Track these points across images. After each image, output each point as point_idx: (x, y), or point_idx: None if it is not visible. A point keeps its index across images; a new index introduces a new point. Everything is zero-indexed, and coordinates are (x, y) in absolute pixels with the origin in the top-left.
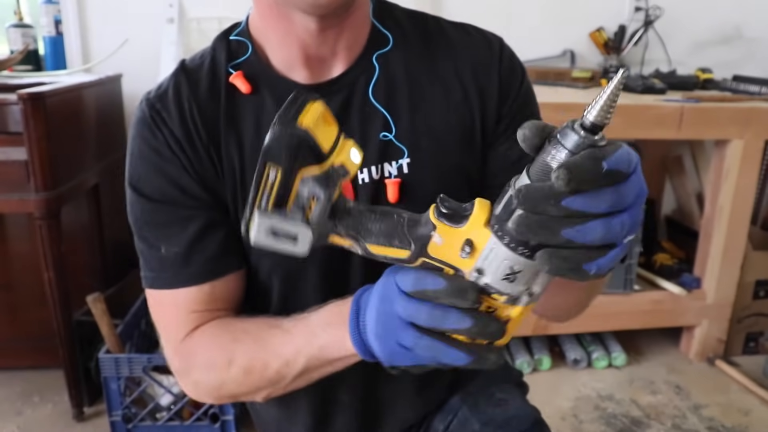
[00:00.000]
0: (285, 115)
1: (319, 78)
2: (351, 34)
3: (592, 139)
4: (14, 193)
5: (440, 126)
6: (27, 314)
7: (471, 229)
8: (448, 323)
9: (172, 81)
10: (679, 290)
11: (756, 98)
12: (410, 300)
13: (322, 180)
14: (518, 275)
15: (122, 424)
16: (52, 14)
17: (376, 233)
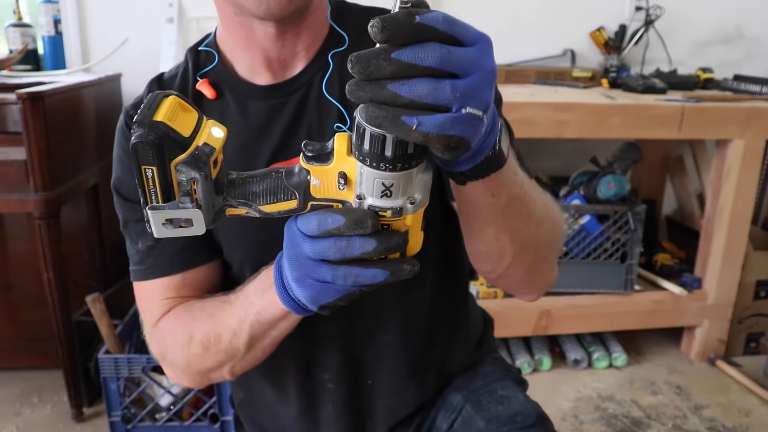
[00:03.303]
0: (142, 115)
1: (281, 78)
2: (309, 35)
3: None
4: (13, 193)
5: None
6: (26, 314)
7: (339, 163)
8: (354, 250)
9: (146, 91)
10: (680, 290)
11: (757, 98)
12: (315, 240)
13: (191, 162)
14: (392, 189)
15: (122, 425)
16: (52, 13)
17: (263, 194)
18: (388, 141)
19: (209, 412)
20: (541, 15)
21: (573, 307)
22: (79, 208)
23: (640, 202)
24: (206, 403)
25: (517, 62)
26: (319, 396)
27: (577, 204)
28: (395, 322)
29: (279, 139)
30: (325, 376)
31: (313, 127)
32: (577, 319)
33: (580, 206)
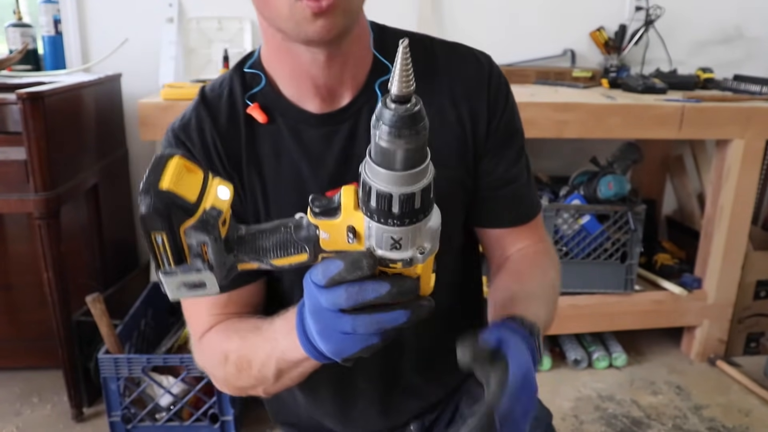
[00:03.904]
0: (147, 183)
1: (329, 108)
2: (354, 63)
3: (405, 108)
4: (13, 193)
5: (437, 144)
6: (26, 314)
7: (347, 217)
8: (368, 295)
9: (194, 113)
10: (680, 290)
11: (757, 98)
12: (327, 290)
13: (199, 227)
14: (401, 242)
15: (121, 425)
16: (52, 14)
17: (273, 249)
18: (394, 199)
19: (209, 412)
20: (541, 15)
21: (573, 307)
22: (79, 208)
23: (640, 202)
24: (206, 403)
25: (517, 62)
26: (352, 395)
27: (577, 204)
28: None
29: (334, 167)
30: (360, 378)
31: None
32: (577, 319)
33: (580, 206)
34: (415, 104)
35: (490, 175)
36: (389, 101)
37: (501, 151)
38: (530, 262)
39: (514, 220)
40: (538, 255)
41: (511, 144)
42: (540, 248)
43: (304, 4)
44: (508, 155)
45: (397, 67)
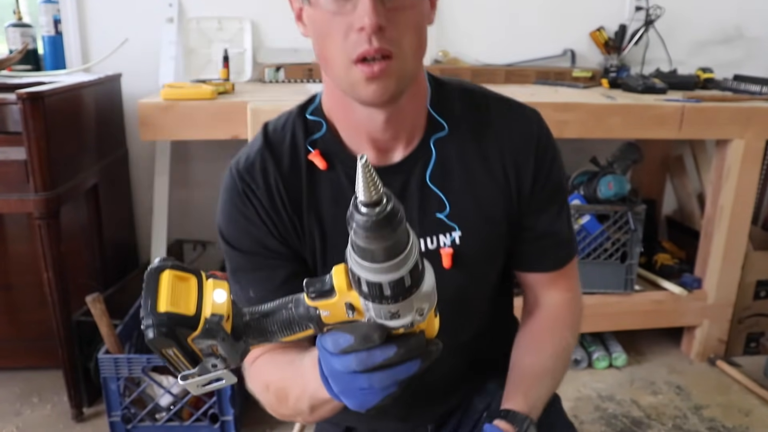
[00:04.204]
0: (146, 307)
1: (384, 161)
2: (410, 121)
3: (376, 211)
4: (13, 193)
5: (486, 202)
6: (26, 314)
7: (342, 296)
8: (377, 359)
9: (259, 155)
10: (680, 290)
11: (757, 98)
12: (340, 357)
13: (205, 335)
14: (400, 312)
15: (121, 425)
16: (52, 14)
17: (279, 330)
18: (384, 286)
19: (209, 412)
20: (541, 15)
21: None
22: (79, 208)
23: (640, 202)
24: (206, 403)
25: (517, 62)
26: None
27: (577, 204)
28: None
29: None
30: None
31: (414, 210)
32: None
33: (580, 206)
34: (386, 204)
35: (533, 230)
36: (360, 206)
37: (544, 207)
38: (551, 325)
39: (549, 267)
40: (561, 313)
41: (554, 200)
42: (566, 302)
43: (359, 68)
44: (551, 210)
45: (360, 180)
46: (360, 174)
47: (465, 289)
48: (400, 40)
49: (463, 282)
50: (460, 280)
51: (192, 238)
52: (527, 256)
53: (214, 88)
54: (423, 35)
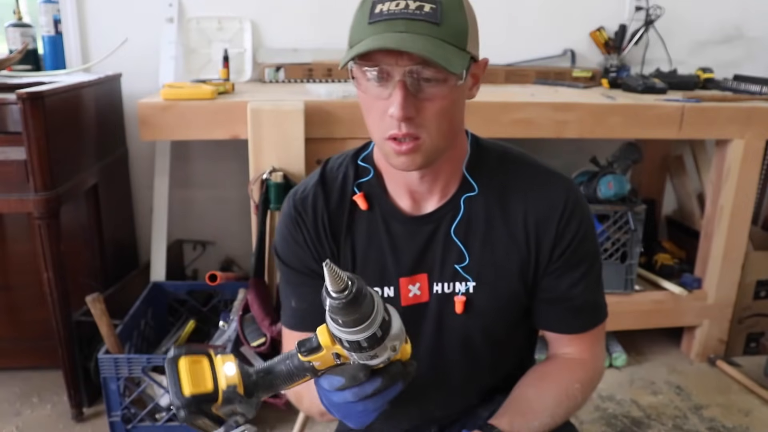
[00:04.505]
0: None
1: (417, 210)
2: (444, 180)
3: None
4: (13, 192)
5: (503, 260)
6: (26, 314)
7: (328, 349)
8: (368, 390)
9: (313, 189)
10: (680, 290)
11: (757, 98)
12: (337, 393)
13: (225, 403)
14: (377, 353)
15: (121, 425)
16: (51, 13)
17: (282, 382)
18: (361, 341)
19: None
20: (541, 15)
21: None
22: (79, 208)
23: (640, 202)
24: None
25: (517, 62)
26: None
27: None
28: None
29: (411, 260)
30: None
31: (437, 259)
32: None
33: None
34: (351, 289)
35: (550, 292)
36: (332, 293)
37: (564, 273)
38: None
39: (564, 330)
40: (574, 366)
41: (576, 267)
42: (582, 360)
43: (390, 143)
44: (572, 276)
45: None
46: (326, 273)
47: (474, 335)
48: (428, 126)
49: (472, 328)
50: (469, 325)
51: (192, 238)
52: (543, 316)
53: (214, 88)
54: (454, 118)
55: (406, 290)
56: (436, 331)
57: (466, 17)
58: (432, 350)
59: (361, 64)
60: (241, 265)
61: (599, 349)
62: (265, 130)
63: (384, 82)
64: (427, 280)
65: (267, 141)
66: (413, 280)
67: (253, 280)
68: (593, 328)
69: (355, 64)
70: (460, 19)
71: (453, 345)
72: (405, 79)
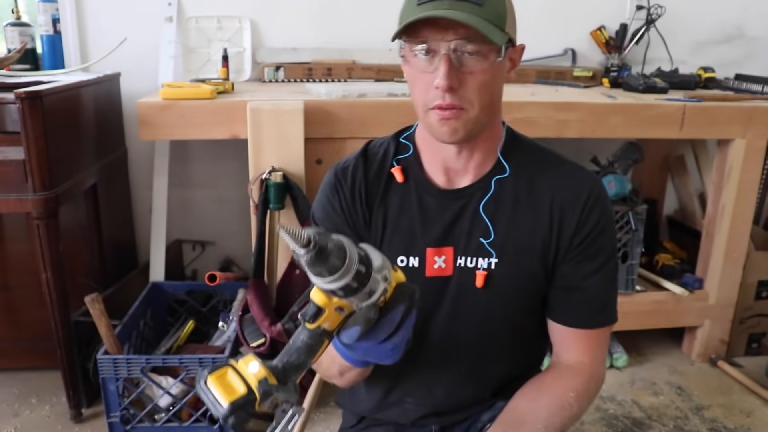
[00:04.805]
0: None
1: (450, 186)
2: (479, 159)
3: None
4: (12, 192)
5: (526, 241)
6: (25, 315)
7: (329, 307)
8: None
9: (355, 160)
10: (681, 291)
11: (758, 97)
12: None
13: (264, 398)
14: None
15: (120, 426)
16: (50, 13)
17: (306, 358)
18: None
19: (209, 413)
20: (541, 14)
21: None
22: (78, 208)
23: (641, 202)
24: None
25: None
26: (398, 409)
27: None
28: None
29: (439, 232)
30: (408, 399)
31: (464, 233)
32: None
33: None
34: (315, 242)
35: (565, 279)
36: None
37: (581, 262)
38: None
39: (572, 323)
40: (571, 375)
41: (593, 258)
42: (581, 367)
43: (434, 112)
44: (587, 267)
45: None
46: (285, 236)
47: (491, 313)
48: (470, 98)
49: (491, 303)
50: (488, 300)
51: (191, 238)
52: (555, 304)
53: (213, 87)
54: (494, 93)
55: (432, 261)
56: (454, 306)
57: (505, 3)
58: (448, 326)
59: (410, 41)
60: (241, 265)
61: (601, 354)
62: (265, 130)
63: (430, 57)
64: (453, 254)
65: (266, 141)
66: (440, 252)
67: (253, 280)
68: (600, 327)
69: (404, 42)
70: (500, 3)
71: (469, 322)
72: (449, 53)
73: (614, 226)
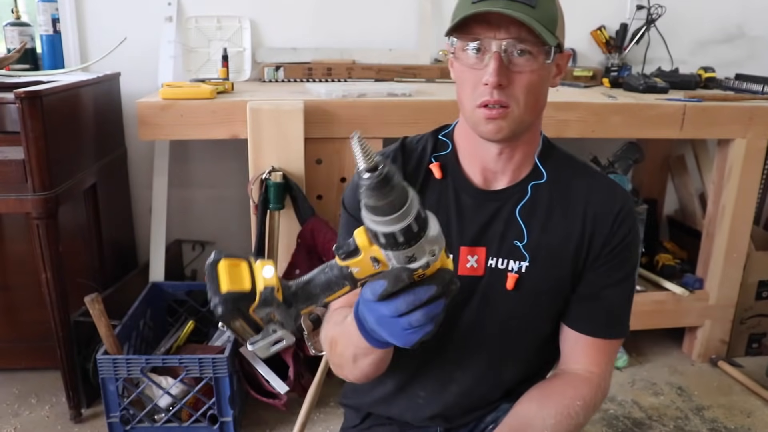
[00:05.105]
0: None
1: (487, 186)
2: (517, 162)
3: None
4: (11, 192)
5: (558, 247)
6: (24, 315)
7: (367, 252)
8: (423, 296)
9: (393, 153)
10: (682, 291)
11: (758, 97)
12: (388, 302)
13: (263, 305)
14: (415, 255)
15: (120, 426)
16: (50, 12)
17: (321, 292)
18: (396, 234)
19: (208, 413)
20: None
21: None
22: (78, 208)
23: (641, 202)
24: (205, 404)
25: None
26: (408, 403)
27: None
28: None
29: (474, 231)
30: (420, 393)
31: (497, 235)
32: None
33: None
34: (383, 169)
35: (587, 287)
36: (362, 173)
37: (605, 272)
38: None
39: (586, 330)
40: (579, 384)
41: (617, 270)
42: (589, 377)
43: (481, 110)
44: (610, 277)
45: (357, 154)
46: (356, 147)
47: (517, 313)
48: (517, 97)
49: (518, 305)
50: (516, 302)
51: (191, 238)
52: (573, 310)
53: (213, 87)
54: (540, 95)
55: (465, 260)
56: (481, 306)
57: (557, 7)
58: (472, 325)
59: (462, 37)
60: None
61: (609, 367)
62: (265, 130)
63: (481, 54)
64: (485, 255)
65: (266, 140)
66: (473, 251)
67: None
68: (612, 338)
69: (457, 39)
70: (552, 8)
71: (493, 322)
72: (500, 51)
73: (640, 244)
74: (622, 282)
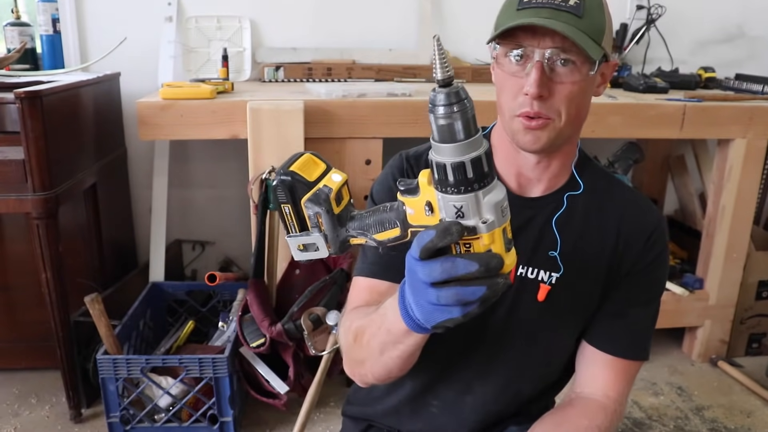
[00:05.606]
0: (282, 167)
1: (521, 192)
2: (553, 172)
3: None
4: (11, 192)
5: (591, 259)
6: (24, 315)
7: (424, 194)
8: (459, 270)
9: (426, 151)
10: (682, 291)
11: (758, 97)
12: (425, 263)
13: (315, 200)
14: (464, 210)
15: (120, 426)
16: (50, 12)
17: (374, 225)
18: (448, 168)
19: (208, 413)
20: None
21: None
22: (78, 208)
23: None
24: (205, 404)
25: None
26: (420, 413)
27: None
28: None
29: None
30: (434, 402)
31: (529, 244)
32: None
33: None
34: (457, 85)
35: (613, 304)
36: (438, 87)
37: (632, 289)
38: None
39: (607, 348)
40: (595, 411)
41: (644, 291)
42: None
43: (520, 119)
44: (637, 297)
45: (436, 60)
46: (435, 55)
47: (544, 325)
48: (558, 108)
49: (546, 317)
50: (544, 314)
51: (191, 238)
52: (596, 327)
53: (213, 87)
54: (582, 106)
55: None
56: (508, 316)
57: (605, 17)
58: (497, 334)
59: (505, 44)
60: (241, 265)
61: (626, 391)
62: (265, 130)
63: (523, 62)
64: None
65: (266, 140)
66: None
67: (253, 280)
68: (633, 359)
69: (499, 45)
70: (600, 17)
71: (521, 333)
72: (543, 61)
73: (667, 269)
74: (649, 303)
